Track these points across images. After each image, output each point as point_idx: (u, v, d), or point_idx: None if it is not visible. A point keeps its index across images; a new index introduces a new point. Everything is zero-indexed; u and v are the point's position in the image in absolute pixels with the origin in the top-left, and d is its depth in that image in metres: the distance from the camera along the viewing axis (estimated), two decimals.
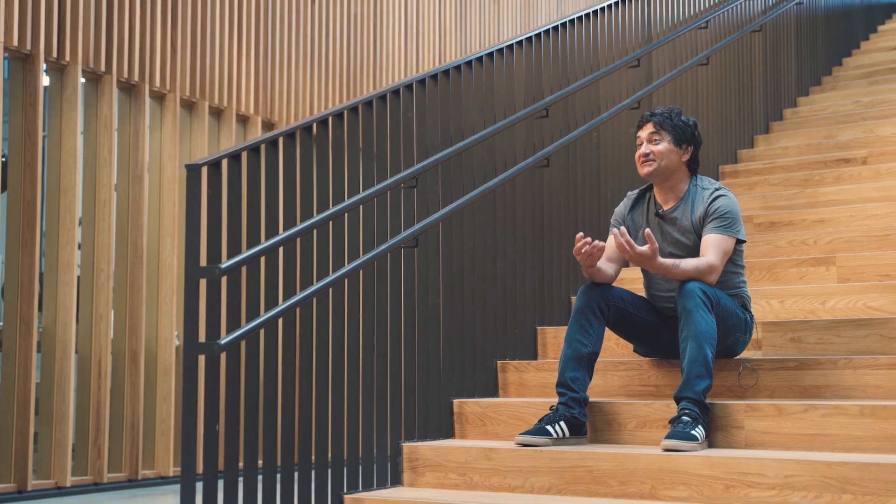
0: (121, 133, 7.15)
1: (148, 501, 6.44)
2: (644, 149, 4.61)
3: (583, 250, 4.37)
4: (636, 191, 4.81)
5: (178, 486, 6.93)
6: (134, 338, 7.00)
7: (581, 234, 4.40)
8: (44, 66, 6.59)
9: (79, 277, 6.82)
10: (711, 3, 7.86)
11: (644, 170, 4.61)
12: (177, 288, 7.28)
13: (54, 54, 6.63)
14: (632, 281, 5.42)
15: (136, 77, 7.11)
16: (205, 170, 3.97)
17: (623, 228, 4.33)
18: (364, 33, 8.86)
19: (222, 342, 3.80)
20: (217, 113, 7.75)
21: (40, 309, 6.58)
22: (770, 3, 8.79)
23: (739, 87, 8.15)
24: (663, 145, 4.59)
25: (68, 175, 6.68)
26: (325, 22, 8.54)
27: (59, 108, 6.74)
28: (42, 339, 6.60)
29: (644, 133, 4.64)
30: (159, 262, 7.23)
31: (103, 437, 6.74)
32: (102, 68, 6.89)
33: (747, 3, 8.31)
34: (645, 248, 4.28)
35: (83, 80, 6.88)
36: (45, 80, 6.78)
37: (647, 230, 4.31)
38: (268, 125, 8.06)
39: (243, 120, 7.91)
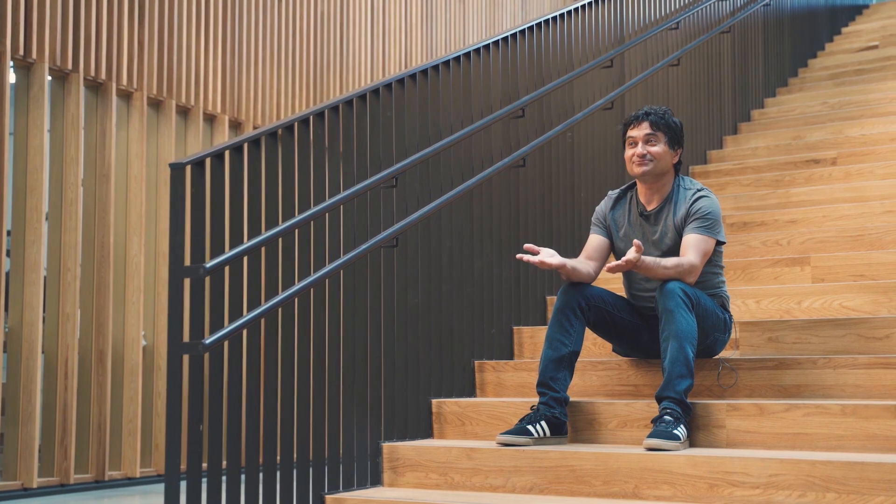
0: (87, 131, 7.08)
1: (115, 502, 6.38)
2: (640, 149, 4.54)
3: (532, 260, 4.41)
4: (617, 190, 4.79)
5: (144, 487, 6.90)
6: (101, 337, 6.93)
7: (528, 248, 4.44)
8: (10, 63, 6.51)
9: (45, 277, 6.74)
10: (682, 4, 7.89)
11: (639, 170, 4.54)
12: (144, 287, 7.22)
13: (21, 52, 6.54)
14: (606, 281, 5.43)
15: (103, 75, 7.04)
16: (188, 169, 3.93)
17: (609, 264, 4.31)
18: (331, 32, 8.82)
19: (207, 342, 3.76)
20: (184, 112, 7.69)
21: (6, 308, 6.50)
22: (739, 5, 8.83)
23: (709, 88, 8.18)
24: (660, 147, 4.55)
25: (35, 173, 6.60)
26: (292, 21, 8.49)
27: (26, 106, 6.66)
28: (8, 339, 6.51)
29: (639, 133, 4.57)
30: (126, 261, 7.16)
31: (70, 438, 6.66)
32: (69, 66, 6.81)
33: (717, 4, 8.35)
34: (631, 254, 4.23)
35: (50, 77, 6.80)
36: (11, 78, 6.69)
37: (637, 241, 4.26)
38: (235, 124, 8.01)
39: (210, 119, 7.85)
